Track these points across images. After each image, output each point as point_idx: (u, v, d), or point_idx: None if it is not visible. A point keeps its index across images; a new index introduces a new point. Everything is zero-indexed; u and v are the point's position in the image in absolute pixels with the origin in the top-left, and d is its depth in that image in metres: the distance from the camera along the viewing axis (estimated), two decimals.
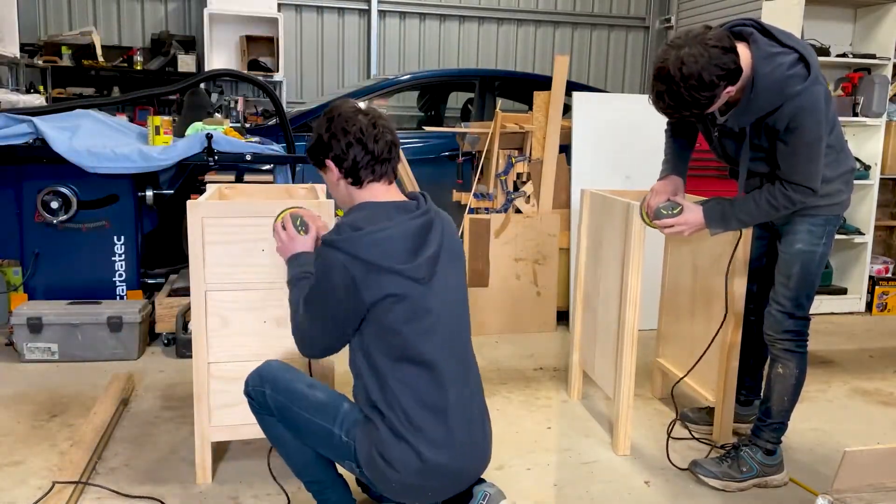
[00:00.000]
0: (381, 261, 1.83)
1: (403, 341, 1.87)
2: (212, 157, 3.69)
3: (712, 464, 2.55)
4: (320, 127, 2.01)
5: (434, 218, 1.97)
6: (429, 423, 1.87)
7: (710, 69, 2.07)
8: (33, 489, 2.34)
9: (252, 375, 2.05)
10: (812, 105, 2.16)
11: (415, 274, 1.86)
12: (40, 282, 3.80)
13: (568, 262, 4.39)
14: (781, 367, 2.49)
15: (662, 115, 2.31)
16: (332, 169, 2.00)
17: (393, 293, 1.84)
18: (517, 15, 7.99)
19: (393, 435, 1.87)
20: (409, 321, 1.86)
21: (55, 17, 7.02)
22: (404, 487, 1.90)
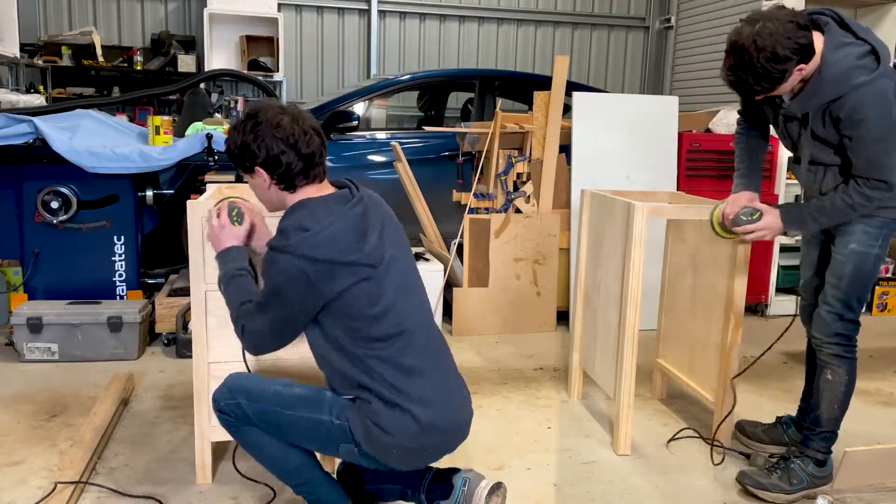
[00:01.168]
0: (336, 256, 1.84)
1: (370, 323, 1.90)
2: (212, 157, 3.69)
3: (762, 475, 2.47)
4: (244, 132, 1.93)
5: (368, 202, 1.99)
6: (413, 386, 1.93)
7: (784, 42, 2.06)
8: (33, 489, 2.34)
9: (219, 392, 2.02)
10: (877, 97, 2.11)
11: (368, 260, 1.89)
12: (40, 282, 3.80)
13: (568, 262, 4.39)
14: (830, 373, 2.42)
15: (734, 91, 2.26)
16: (261, 174, 1.95)
17: (352, 283, 1.87)
18: (517, 15, 7.99)
19: (384, 404, 1.90)
20: (372, 305, 1.90)
21: (55, 17, 7.02)
22: (405, 452, 1.94)
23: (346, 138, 5.07)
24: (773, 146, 4.72)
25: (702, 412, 3.14)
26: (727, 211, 2.46)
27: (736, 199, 2.47)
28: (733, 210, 2.44)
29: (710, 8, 7.27)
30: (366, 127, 5.61)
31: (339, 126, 4.99)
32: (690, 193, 3.29)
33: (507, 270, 4.25)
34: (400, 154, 4.44)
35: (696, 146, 4.60)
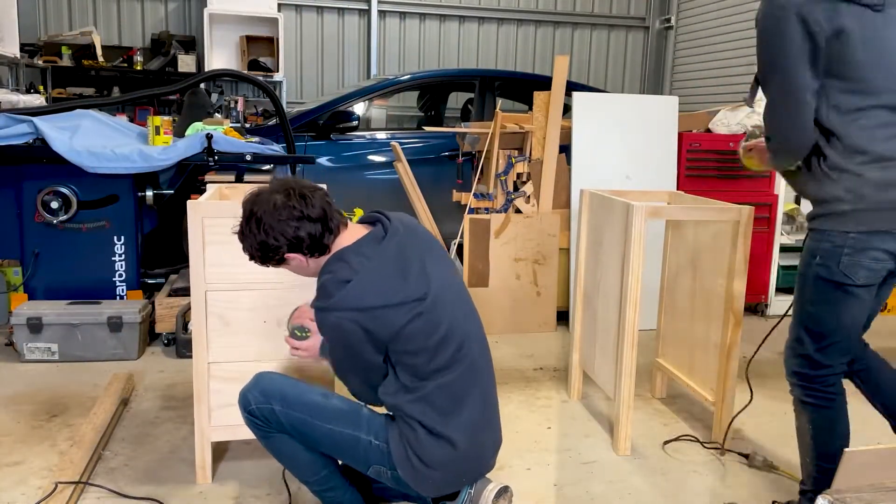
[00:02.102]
0: (382, 301, 1.82)
1: (431, 356, 1.90)
2: (212, 157, 3.69)
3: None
4: (252, 233, 1.87)
5: (403, 233, 1.94)
6: (459, 409, 1.93)
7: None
8: (33, 489, 2.34)
9: (251, 394, 1.95)
10: (761, 17, 1.94)
11: (415, 295, 1.87)
12: (40, 282, 3.80)
13: (568, 262, 4.39)
14: (795, 418, 2.20)
15: None
16: (294, 258, 1.93)
17: (407, 322, 1.85)
18: (517, 15, 7.99)
19: (429, 434, 1.90)
20: (429, 336, 1.88)
21: (55, 17, 7.02)
22: (444, 481, 1.95)
23: (346, 138, 5.07)
24: None
25: (702, 412, 3.14)
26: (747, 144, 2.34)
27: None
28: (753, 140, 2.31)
29: (710, 8, 7.28)
30: (366, 127, 5.61)
31: (339, 126, 5.00)
32: (690, 193, 3.29)
33: (507, 270, 4.25)
34: (400, 154, 4.44)
35: (696, 146, 4.59)
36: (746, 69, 6.34)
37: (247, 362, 2.37)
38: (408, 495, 2.17)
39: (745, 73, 6.43)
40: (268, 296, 2.35)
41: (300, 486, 2.37)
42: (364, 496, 2.17)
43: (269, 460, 2.55)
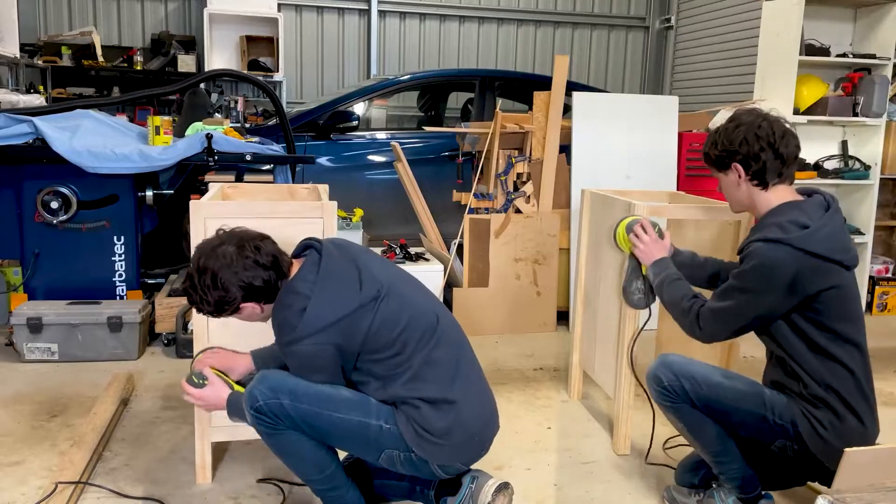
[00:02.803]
0: (343, 312, 1.90)
1: (402, 346, 1.98)
2: (212, 157, 3.69)
3: (683, 494, 2.38)
4: (208, 286, 1.91)
5: (333, 248, 2.02)
6: (451, 376, 1.99)
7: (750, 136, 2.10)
8: (33, 489, 2.34)
9: (257, 390, 1.94)
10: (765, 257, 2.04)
11: (370, 295, 1.94)
12: (40, 282, 3.80)
13: (568, 262, 4.39)
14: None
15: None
16: (247, 306, 1.97)
17: (370, 322, 1.94)
18: (517, 15, 7.99)
19: (431, 405, 1.95)
20: (393, 327, 1.97)
21: (55, 17, 7.02)
22: (458, 448, 1.99)
23: (346, 138, 5.07)
24: None
25: None
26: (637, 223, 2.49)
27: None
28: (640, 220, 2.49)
29: (710, 8, 7.28)
30: (366, 127, 5.61)
31: (339, 126, 5.00)
32: (690, 193, 3.29)
33: (507, 270, 4.25)
34: (400, 154, 4.44)
35: (696, 146, 4.59)
36: (746, 69, 6.34)
37: None
38: (412, 490, 2.18)
39: (745, 73, 6.43)
40: None
41: (292, 487, 2.37)
42: (365, 495, 2.18)
43: (269, 461, 2.55)
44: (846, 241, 2.05)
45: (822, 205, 2.09)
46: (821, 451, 2.05)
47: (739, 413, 2.11)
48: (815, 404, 2.05)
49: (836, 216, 2.07)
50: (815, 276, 1.98)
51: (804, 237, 1.98)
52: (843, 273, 2.03)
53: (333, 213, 2.35)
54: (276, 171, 4.07)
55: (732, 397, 2.10)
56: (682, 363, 2.18)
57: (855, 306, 2.08)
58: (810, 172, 4.86)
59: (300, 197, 2.86)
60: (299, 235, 2.31)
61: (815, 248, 1.97)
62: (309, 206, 2.35)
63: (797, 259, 1.97)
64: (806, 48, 4.64)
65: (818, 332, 2.04)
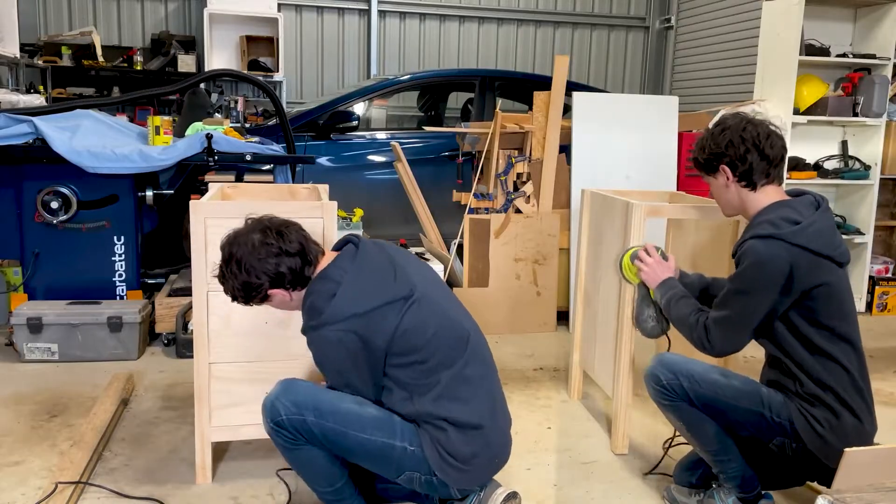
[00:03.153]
0: (372, 303, 1.90)
1: (430, 353, 1.95)
2: (212, 157, 3.69)
3: (684, 494, 2.39)
4: (235, 273, 1.93)
5: (372, 245, 2.04)
6: (477, 394, 1.98)
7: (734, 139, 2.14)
8: (33, 489, 2.34)
9: (280, 403, 1.90)
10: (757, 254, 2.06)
11: (402, 293, 1.92)
12: (40, 282, 3.80)
13: (568, 262, 4.39)
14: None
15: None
16: (277, 293, 1.98)
17: (398, 321, 1.91)
18: (517, 15, 7.99)
19: (458, 429, 1.93)
20: (423, 331, 1.94)
21: (55, 17, 7.02)
22: (481, 470, 1.99)
23: (346, 138, 5.07)
24: None
25: None
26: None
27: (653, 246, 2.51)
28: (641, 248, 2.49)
29: (710, 8, 7.28)
30: (366, 127, 5.61)
31: (339, 126, 5.00)
32: (690, 193, 3.29)
33: (507, 270, 4.25)
34: (400, 154, 4.44)
35: None
36: (746, 69, 6.34)
37: (248, 363, 2.37)
38: (415, 493, 2.17)
39: (745, 73, 6.43)
40: None
41: (297, 484, 2.37)
42: (367, 497, 2.17)
43: (269, 460, 2.56)
44: (837, 238, 2.07)
45: (812, 203, 2.12)
46: (818, 449, 2.05)
47: (737, 411, 2.12)
48: (812, 402, 2.06)
49: (826, 214, 2.10)
50: (809, 271, 2.00)
51: (796, 232, 2.01)
52: (836, 269, 2.05)
53: (333, 213, 2.35)
54: (276, 171, 4.08)
55: (730, 395, 2.12)
56: (681, 362, 2.20)
57: (848, 303, 2.10)
58: (810, 172, 4.86)
59: (300, 197, 2.86)
60: None
61: (807, 243, 2.00)
62: (309, 205, 2.35)
63: (791, 253, 1.99)
64: (806, 48, 4.65)
65: (814, 331, 2.05)
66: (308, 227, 2.32)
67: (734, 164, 2.13)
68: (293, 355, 2.39)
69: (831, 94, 4.85)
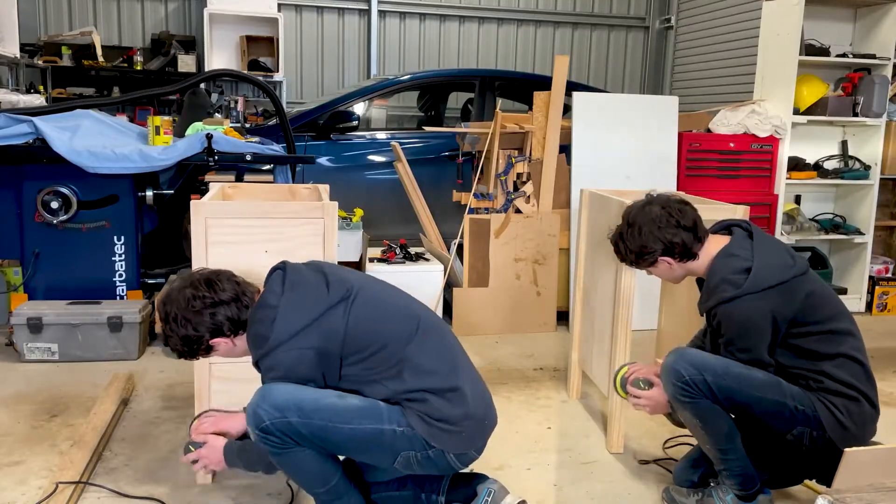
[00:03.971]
0: (313, 315, 1.90)
1: (386, 339, 1.96)
2: (212, 157, 3.69)
3: (682, 494, 2.40)
4: (175, 330, 1.96)
5: (300, 264, 2.06)
6: (446, 361, 2.01)
7: (655, 233, 2.25)
8: (33, 489, 2.34)
9: (261, 409, 1.86)
10: (737, 316, 2.16)
11: (339, 295, 1.95)
12: (40, 282, 3.80)
13: (568, 262, 4.40)
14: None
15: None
16: (219, 342, 1.99)
17: (346, 322, 1.93)
18: (517, 15, 7.99)
19: (437, 395, 1.94)
20: (372, 322, 1.97)
21: (55, 17, 7.02)
22: (472, 434, 1.99)
23: (346, 138, 5.07)
24: (773, 145, 4.72)
25: None
26: (632, 371, 2.47)
27: (648, 368, 2.48)
28: (635, 376, 2.44)
29: (710, 8, 7.28)
30: (366, 127, 5.61)
31: (339, 126, 5.00)
32: (690, 193, 3.29)
33: (507, 270, 4.25)
34: (400, 154, 4.44)
35: (696, 146, 4.60)
36: (746, 69, 6.34)
37: (248, 363, 2.36)
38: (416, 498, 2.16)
39: (745, 73, 6.43)
40: None
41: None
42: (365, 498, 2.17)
43: None
44: (785, 255, 2.17)
45: (744, 237, 2.23)
46: (839, 437, 2.10)
47: (762, 402, 2.13)
48: (835, 393, 2.13)
49: (761, 240, 2.21)
50: (787, 300, 2.11)
51: (754, 280, 2.11)
52: (805, 279, 2.14)
53: (334, 214, 2.35)
54: (276, 171, 4.08)
55: (756, 385, 2.13)
56: (701, 356, 2.20)
57: (833, 299, 2.20)
58: (810, 172, 4.86)
59: (301, 197, 2.86)
60: (300, 236, 2.32)
61: (769, 282, 2.10)
62: (310, 206, 2.35)
63: (764, 300, 2.09)
64: (806, 48, 4.65)
65: (817, 341, 2.14)
66: (309, 227, 2.32)
67: (669, 251, 2.23)
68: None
69: (831, 94, 4.85)
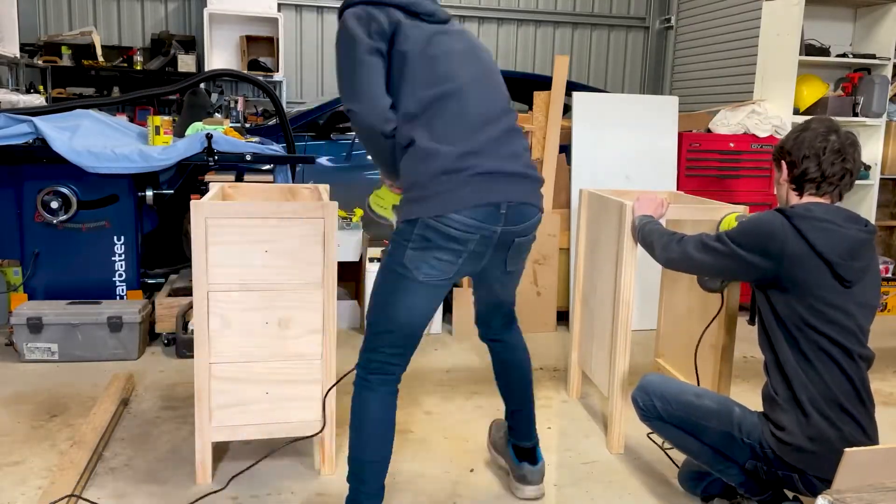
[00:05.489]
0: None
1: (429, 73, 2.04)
2: (212, 157, 3.69)
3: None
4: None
5: None
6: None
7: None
8: (33, 489, 2.34)
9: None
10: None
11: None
12: (40, 282, 3.80)
13: (568, 262, 4.40)
14: None
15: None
16: None
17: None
18: (517, 15, 7.99)
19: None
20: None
21: (55, 17, 7.02)
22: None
23: (346, 138, 5.07)
24: (773, 144, 4.71)
25: None
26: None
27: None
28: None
29: (710, 8, 7.28)
30: None
31: (339, 126, 4.99)
32: (690, 193, 3.29)
33: None
34: None
35: (696, 146, 4.60)
36: (746, 69, 6.34)
37: (248, 363, 2.37)
38: None
39: (745, 73, 6.43)
40: (269, 296, 2.35)
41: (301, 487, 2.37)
42: None
43: (269, 460, 2.56)
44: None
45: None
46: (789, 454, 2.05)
47: (708, 431, 2.17)
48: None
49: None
50: (802, 267, 2.09)
51: (809, 225, 2.08)
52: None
53: (334, 213, 2.36)
54: (276, 171, 4.07)
55: (700, 415, 2.17)
56: (657, 382, 2.28)
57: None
58: None
59: (301, 197, 2.86)
60: (300, 235, 2.32)
61: (816, 242, 2.06)
62: (310, 206, 2.35)
63: (794, 233, 2.08)
64: (806, 48, 4.65)
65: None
66: (309, 227, 2.33)
67: (792, 165, 2.17)
68: (293, 355, 2.39)
69: (831, 94, 4.85)
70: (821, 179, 2.11)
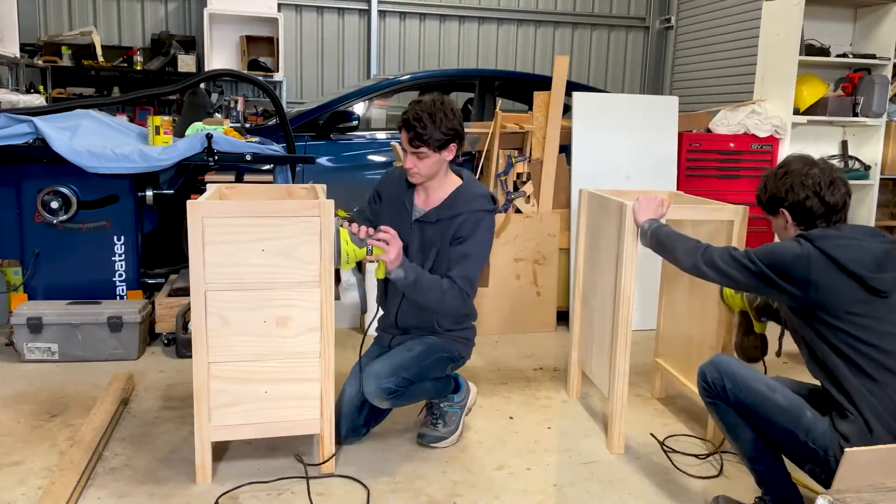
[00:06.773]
0: None
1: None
2: (212, 157, 3.69)
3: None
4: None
5: None
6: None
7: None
8: (33, 489, 2.34)
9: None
10: None
11: None
12: (40, 282, 3.80)
13: (568, 262, 4.39)
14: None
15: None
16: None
17: None
18: (517, 15, 7.99)
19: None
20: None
21: (55, 17, 7.02)
22: None
23: (346, 138, 5.07)
24: (773, 145, 4.72)
25: (700, 412, 3.14)
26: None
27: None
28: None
29: (710, 8, 7.28)
30: (366, 127, 5.60)
31: (339, 126, 4.99)
32: (690, 193, 3.29)
33: (507, 270, 4.25)
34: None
35: (696, 146, 4.60)
36: (746, 69, 6.34)
37: (247, 362, 2.37)
38: None
39: (745, 73, 6.43)
40: (268, 296, 2.35)
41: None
42: None
43: (270, 460, 2.56)
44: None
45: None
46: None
47: (772, 427, 2.14)
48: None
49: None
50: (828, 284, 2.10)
51: (831, 244, 2.09)
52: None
53: (331, 212, 2.35)
54: (276, 171, 4.07)
55: (769, 408, 2.13)
56: (731, 363, 2.24)
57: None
58: None
59: (298, 196, 2.86)
60: (297, 234, 2.32)
61: (843, 260, 2.07)
62: (306, 204, 2.35)
63: (815, 257, 2.09)
64: (806, 48, 4.65)
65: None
66: (305, 226, 2.32)
67: (793, 208, 2.16)
68: (291, 354, 2.39)
69: (831, 94, 4.85)
70: (828, 211, 2.13)
